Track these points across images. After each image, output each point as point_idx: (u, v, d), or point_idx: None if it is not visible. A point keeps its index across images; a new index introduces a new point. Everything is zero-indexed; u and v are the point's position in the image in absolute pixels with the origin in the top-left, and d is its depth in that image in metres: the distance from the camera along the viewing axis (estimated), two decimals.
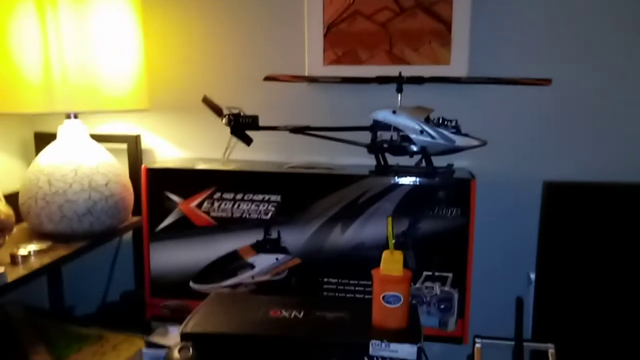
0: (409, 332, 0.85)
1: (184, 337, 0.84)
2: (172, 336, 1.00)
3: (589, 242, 1.01)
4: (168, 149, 1.30)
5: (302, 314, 0.91)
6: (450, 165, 1.09)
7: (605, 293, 1.01)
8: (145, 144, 1.30)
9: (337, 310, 0.92)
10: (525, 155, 1.15)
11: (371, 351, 0.81)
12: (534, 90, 1.09)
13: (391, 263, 0.86)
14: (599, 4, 1.08)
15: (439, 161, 1.06)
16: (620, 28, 1.09)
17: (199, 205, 1.08)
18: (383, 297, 0.85)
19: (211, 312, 0.92)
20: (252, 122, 1.12)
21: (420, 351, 0.81)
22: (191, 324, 0.87)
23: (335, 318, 0.90)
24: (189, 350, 0.81)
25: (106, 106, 1.07)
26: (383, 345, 0.81)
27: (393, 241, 0.86)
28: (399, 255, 0.86)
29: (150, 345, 0.95)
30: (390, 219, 0.86)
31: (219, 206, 1.08)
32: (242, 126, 1.11)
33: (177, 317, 1.04)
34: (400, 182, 1.01)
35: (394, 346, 0.81)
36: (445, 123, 1.03)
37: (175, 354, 0.81)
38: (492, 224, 1.15)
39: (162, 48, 1.26)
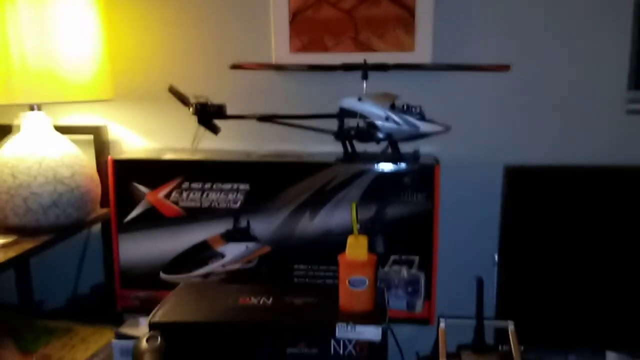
0: (374, 314, 0.87)
1: (152, 326, 0.85)
2: (142, 327, 1.01)
3: (549, 223, 1.05)
4: (135, 140, 1.28)
5: (270, 300, 0.92)
6: (416, 151, 1.11)
7: (566, 272, 1.05)
8: (112, 134, 1.28)
9: (305, 296, 0.94)
10: (487, 140, 1.17)
11: (337, 334, 0.83)
12: (496, 76, 1.11)
13: (356, 248, 0.87)
14: None
15: (405, 147, 1.08)
16: (578, 14, 1.11)
17: (167, 196, 1.08)
18: (349, 281, 0.87)
19: (180, 301, 0.93)
20: (219, 111, 1.12)
21: (385, 332, 0.84)
22: (160, 314, 0.88)
23: (303, 303, 0.91)
24: (157, 339, 0.82)
25: (68, 97, 1.05)
26: (349, 327, 0.83)
27: (358, 226, 0.88)
28: (363, 240, 0.88)
29: (120, 336, 0.96)
30: (354, 204, 0.88)
31: (187, 196, 1.08)
32: (209, 115, 1.11)
33: (148, 307, 1.04)
34: (367, 169, 1.03)
35: (359, 328, 0.83)
36: (410, 109, 1.05)
37: (144, 343, 0.82)
38: (457, 208, 1.17)
39: (126, 37, 1.24)
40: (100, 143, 1.25)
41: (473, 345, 0.94)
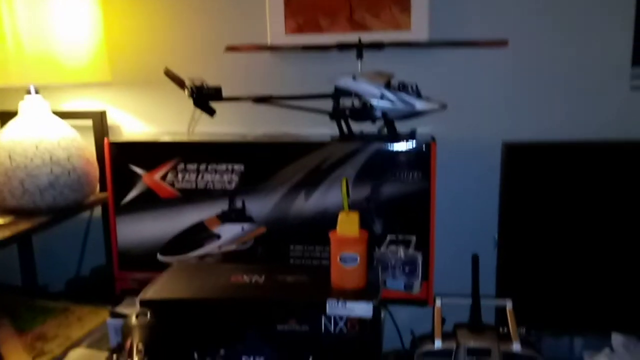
0: (366, 291, 0.86)
1: (143, 303, 0.85)
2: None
3: (550, 201, 1.02)
4: (134, 124, 1.29)
5: (263, 278, 0.92)
6: (413, 130, 1.09)
7: (568, 251, 1.03)
8: (111, 119, 1.29)
9: (298, 274, 0.93)
10: (485, 117, 1.15)
11: (328, 310, 0.82)
12: (493, 52, 1.09)
13: (347, 224, 0.86)
14: None
15: (402, 127, 1.06)
16: None
17: (163, 177, 1.08)
18: (340, 258, 0.86)
19: (172, 279, 0.93)
20: (215, 93, 1.11)
21: (376, 309, 0.82)
22: (150, 291, 0.88)
23: (295, 281, 0.91)
24: (147, 316, 0.82)
25: (65, 79, 1.06)
26: (339, 303, 0.82)
27: (348, 202, 0.87)
28: (354, 216, 0.87)
29: (115, 315, 0.96)
30: (344, 180, 0.87)
31: (183, 177, 1.08)
32: (205, 97, 1.11)
33: None
34: (361, 147, 1.02)
35: (350, 304, 0.82)
36: (406, 87, 1.03)
37: (133, 320, 0.82)
38: (455, 187, 1.15)
39: (122, 19, 1.24)
40: (99, 128, 1.26)
41: (469, 324, 0.92)
